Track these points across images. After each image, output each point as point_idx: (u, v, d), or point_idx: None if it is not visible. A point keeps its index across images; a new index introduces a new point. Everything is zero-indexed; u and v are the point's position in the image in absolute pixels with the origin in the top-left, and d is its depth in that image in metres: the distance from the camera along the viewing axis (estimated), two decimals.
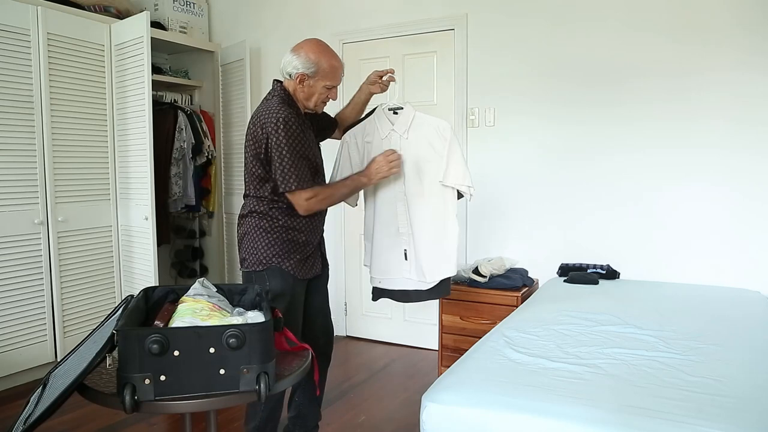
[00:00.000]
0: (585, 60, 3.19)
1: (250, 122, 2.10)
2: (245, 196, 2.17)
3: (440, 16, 3.55)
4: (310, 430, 2.35)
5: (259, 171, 2.06)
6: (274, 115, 2.00)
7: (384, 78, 2.34)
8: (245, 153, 2.11)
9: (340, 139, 2.45)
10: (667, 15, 2.99)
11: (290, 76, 2.10)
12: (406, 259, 2.37)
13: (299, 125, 2.04)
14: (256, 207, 2.11)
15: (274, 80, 2.17)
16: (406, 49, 3.70)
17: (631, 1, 3.06)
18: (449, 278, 2.43)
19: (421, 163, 2.30)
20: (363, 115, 2.44)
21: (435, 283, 2.37)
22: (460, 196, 2.36)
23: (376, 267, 2.43)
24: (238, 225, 2.21)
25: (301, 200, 2.04)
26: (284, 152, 1.98)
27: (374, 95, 2.43)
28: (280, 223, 2.09)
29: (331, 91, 2.14)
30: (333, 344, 2.39)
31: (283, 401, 2.27)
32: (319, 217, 2.20)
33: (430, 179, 2.31)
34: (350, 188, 2.17)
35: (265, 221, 2.09)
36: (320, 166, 2.21)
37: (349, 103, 2.48)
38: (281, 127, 1.98)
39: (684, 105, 2.98)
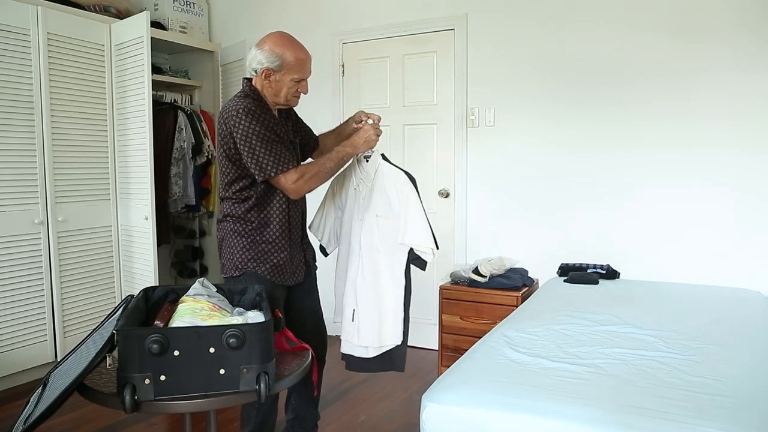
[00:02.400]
0: (585, 60, 3.19)
1: (217, 122, 2.05)
2: (221, 199, 2.11)
3: (440, 16, 3.55)
4: (309, 431, 2.34)
5: (231, 171, 1.99)
6: (235, 107, 1.94)
7: (363, 122, 2.18)
8: (217, 153, 2.06)
9: None
10: (667, 15, 2.99)
11: (256, 72, 2.02)
12: (353, 320, 2.19)
13: (264, 113, 1.96)
14: (231, 210, 2.05)
15: (243, 78, 2.09)
16: (406, 49, 3.70)
17: (630, 1, 3.06)
18: (401, 350, 2.19)
19: (380, 219, 2.15)
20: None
21: (379, 352, 2.18)
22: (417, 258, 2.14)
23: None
24: (216, 230, 2.15)
25: (288, 184, 1.95)
26: (252, 140, 1.90)
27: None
28: (254, 226, 2.02)
29: (300, 84, 2.05)
30: (327, 346, 2.33)
31: (277, 405, 2.21)
32: (294, 218, 2.11)
33: (385, 235, 2.14)
34: (336, 160, 2.04)
35: (239, 225, 2.03)
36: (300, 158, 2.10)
37: (332, 131, 2.36)
38: (242, 116, 1.90)
39: (684, 105, 2.98)
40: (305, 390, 2.26)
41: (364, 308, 2.16)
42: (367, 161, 2.18)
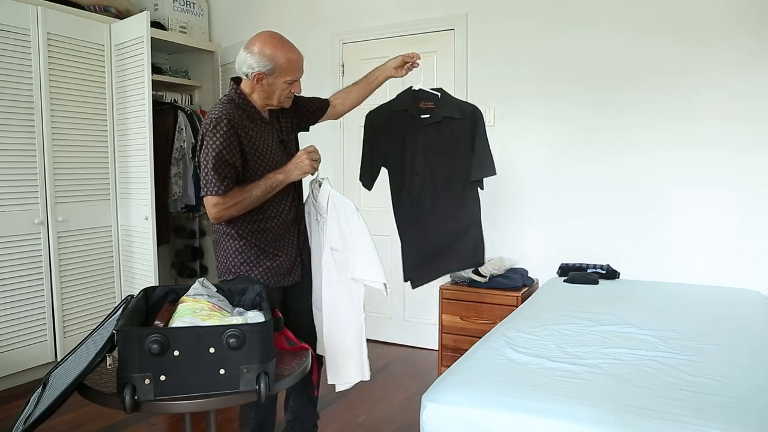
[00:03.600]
0: (585, 60, 3.19)
1: None
2: None
3: (440, 16, 3.55)
4: (309, 431, 2.34)
5: None
6: (210, 116, 1.90)
7: (408, 65, 2.24)
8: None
9: (337, 120, 2.33)
10: (667, 15, 2.99)
11: (247, 76, 1.96)
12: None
13: (234, 129, 1.89)
14: None
15: (231, 79, 2.05)
16: (406, 49, 3.68)
17: (630, 2, 3.06)
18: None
19: (335, 253, 2.09)
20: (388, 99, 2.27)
21: (346, 387, 2.17)
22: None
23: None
24: (211, 232, 2.12)
25: (209, 206, 1.89)
26: (208, 155, 1.85)
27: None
28: (248, 228, 1.99)
29: (293, 85, 2.00)
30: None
31: (276, 405, 2.20)
32: (288, 221, 2.08)
33: (342, 269, 2.09)
34: (263, 188, 1.92)
35: (232, 228, 1.99)
36: (263, 171, 1.96)
37: (360, 81, 2.33)
38: (210, 128, 1.86)
39: (684, 105, 2.98)
40: (304, 390, 2.26)
41: (329, 343, 2.13)
42: (320, 186, 2.10)
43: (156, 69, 3.92)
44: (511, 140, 3.41)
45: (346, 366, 2.13)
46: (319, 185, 2.10)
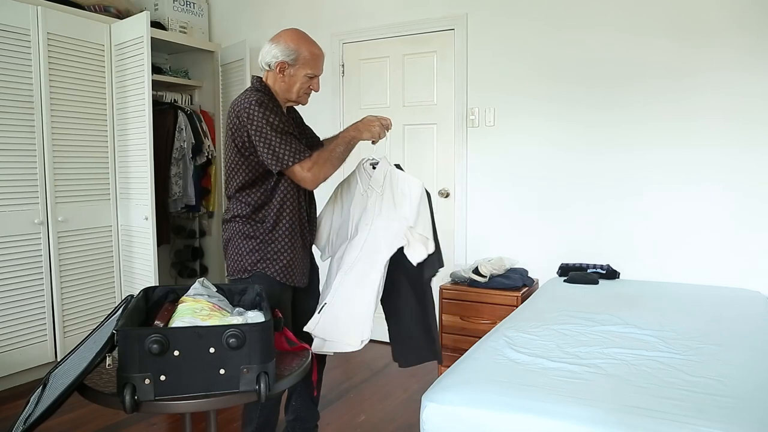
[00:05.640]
0: (585, 60, 3.19)
1: (227, 118, 2.03)
2: (228, 197, 2.08)
3: (440, 16, 3.55)
4: (310, 431, 2.34)
5: (242, 167, 1.97)
6: (247, 100, 1.93)
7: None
8: (225, 150, 2.04)
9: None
10: (667, 15, 2.99)
11: (269, 66, 2.01)
12: (318, 313, 2.11)
13: (276, 108, 1.95)
14: (239, 210, 2.02)
15: (253, 76, 2.10)
16: (406, 49, 3.71)
17: (631, 2, 3.06)
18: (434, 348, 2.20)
19: (392, 222, 2.07)
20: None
21: (332, 350, 2.12)
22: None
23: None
24: (222, 230, 2.12)
25: (304, 172, 1.93)
26: (267, 131, 1.89)
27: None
28: (264, 226, 2.00)
29: (312, 81, 2.05)
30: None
31: (279, 406, 2.20)
32: (303, 218, 2.09)
33: (390, 244, 2.07)
34: (344, 144, 2.01)
35: (248, 226, 2.01)
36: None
37: (336, 136, 2.28)
38: (256, 107, 1.90)
39: (684, 105, 2.98)
40: (305, 390, 2.26)
41: (338, 305, 2.07)
42: (374, 168, 2.15)
43: (156, 69, 3.92)
44: (511, 140, 3.42)
45: (350, 326, 2.05)
46: (373, 166, 2.15)
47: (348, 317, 2.05)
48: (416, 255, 2.05)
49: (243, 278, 2.03)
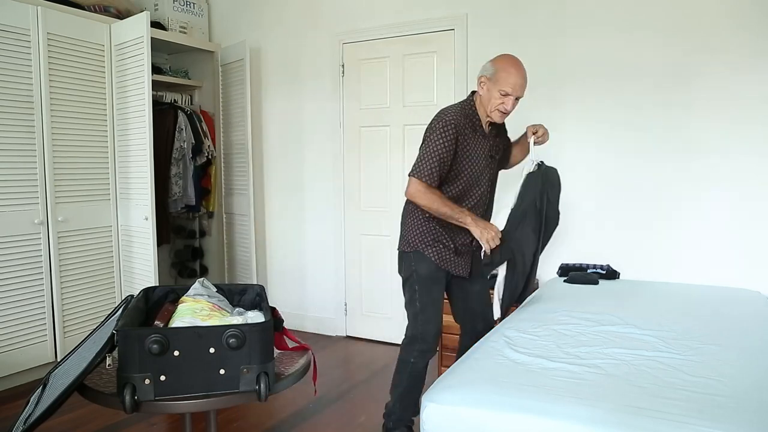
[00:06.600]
0: (585, 60, 3.18)
1: None
2: None
3: (440, 16, 3.55)
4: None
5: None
6: (444, 116, 2.21)
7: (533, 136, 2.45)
8: None
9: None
10: (667, 16, 2.99)
11: (478, 79, 2.27)
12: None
13: (457, 134, 2.18)
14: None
15: (472, 92, 2.33)
16: (406, 49, 3.70)
17: (631, 2, 3.06)
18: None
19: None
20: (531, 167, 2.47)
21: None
22: None
23: None
24: (404, 206, 2.40)
25: (412, 185, 2.20)
26: (428, 143, 2.19)
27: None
28: (431, 214, 2.24)
29: (505, 99, 2.20)
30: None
31: (425, 373, 2.39)
32: (478, 216, 2.29)
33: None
34: (452, 212, 2.20)
35: (420, 209, 2.26)
36: (465, 180, 2.27)
37: (516, 141, 2.58)
38: (438, 126, 2.18)
39: (684, 106, 2.98)
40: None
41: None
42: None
43: (156, 69, 3.92)
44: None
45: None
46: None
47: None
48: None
49: (406, 251, 2.35)
